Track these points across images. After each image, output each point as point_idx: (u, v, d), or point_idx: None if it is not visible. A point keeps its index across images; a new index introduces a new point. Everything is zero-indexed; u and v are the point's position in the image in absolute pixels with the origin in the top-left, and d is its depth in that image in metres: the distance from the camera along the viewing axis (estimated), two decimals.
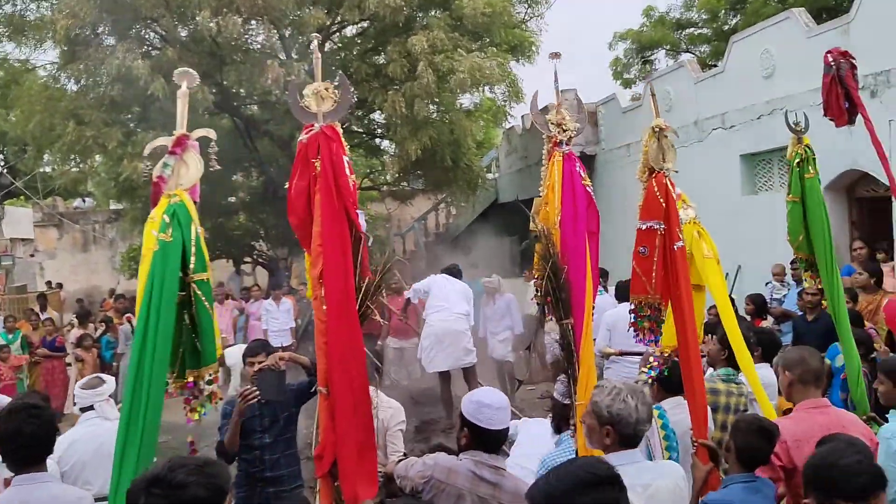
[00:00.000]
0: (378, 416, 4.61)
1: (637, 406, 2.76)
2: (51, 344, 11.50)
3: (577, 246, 3.86)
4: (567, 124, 4.06)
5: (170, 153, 2.99)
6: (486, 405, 3.14)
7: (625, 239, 13.05)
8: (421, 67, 11.87)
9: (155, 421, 2.67)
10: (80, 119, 12.26)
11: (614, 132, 13.97)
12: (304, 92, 3.52)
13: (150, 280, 2.76)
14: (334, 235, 3.36)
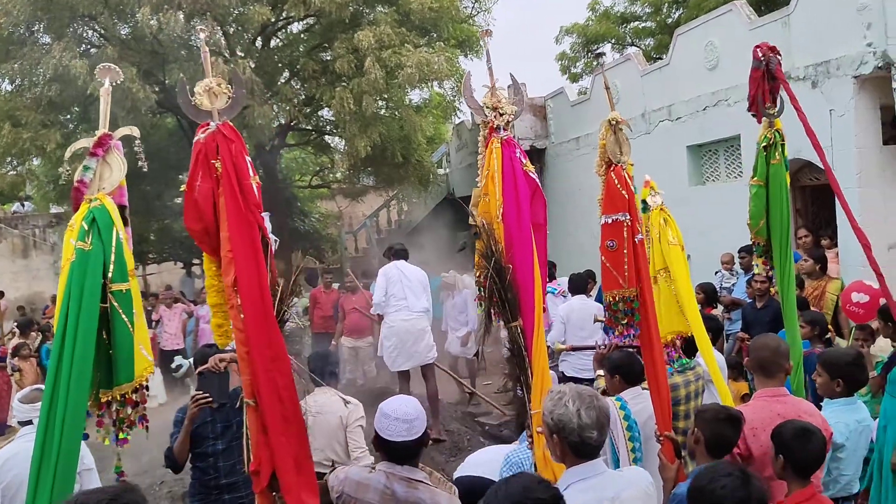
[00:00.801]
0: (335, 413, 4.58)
1: (580, 411, 2.53)
2: None
3: (522, 240, 3.59)
4: (503, 107, 3.75)
5: (91, 155, 2.84)
6: (387, 415, 2.99)
7: (575, 232, 13.27)
8: (368, 63, 11.76)
9: (74, 445, 2.49)
10: (16, 121, 11.86)
11: (563, 126, 14.08)
12: (195, 89, 3.31)
13: (67, 292, 2.59)
14: (245, 240, 3.12)
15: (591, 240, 12.32)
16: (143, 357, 2.80)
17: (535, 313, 3.51)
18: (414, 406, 3.04)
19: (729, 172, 10.01)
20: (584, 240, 12.79)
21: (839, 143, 7.67)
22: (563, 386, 2.68)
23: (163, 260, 19.08)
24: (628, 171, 3.65)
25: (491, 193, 3.66)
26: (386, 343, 7.90)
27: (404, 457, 3.01)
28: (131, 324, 2.72)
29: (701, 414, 3.16)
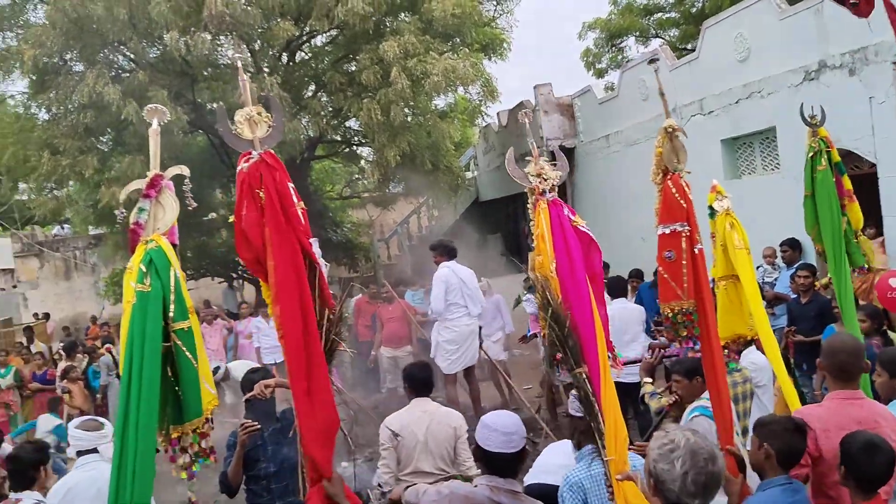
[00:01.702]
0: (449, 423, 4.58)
1: (686, 474, 2.25)
2: (42, 377, 11.36)
3: (577, 290, 3.64)
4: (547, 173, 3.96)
5: (144, 196, 2.84)
6: (489, 427, 3.08)
7: (606, 230, 13.20)
8: (394, 73, 11.81)
9: (146, 485, 2.52)
10: (54, 148, 12.13)
11: (592, 124, 13.98)
12: (235, 118, 3.33)
13: (131, 334, 2.60)
14: (288, 270, 3.12)
15: (624, 239, 12.27)
16: (207, 391, 2.84)
17: (601, 359, 3.48)
18: (514, 420, 3.13)
19: (765, 165, 9.86)
20: (616, 239, 12.68)
21: (880, 130, 7.51)
22: (680, 435, 2.36)
23: (200, 276, 19.33)
24: (685, 178, 3.57)
25: (543, 252, 3.79)
26: (448, 346, 7.88)
27: (506, 469, 3.08)
28: (195, 360, 2.75)
29: (767, 427, 3.06)
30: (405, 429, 4.52)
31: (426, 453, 4.47)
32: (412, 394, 4.75)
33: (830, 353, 3.42)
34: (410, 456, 4.49)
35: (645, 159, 11.74)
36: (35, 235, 25.47)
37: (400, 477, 4.48)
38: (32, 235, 25.33)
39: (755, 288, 4.01)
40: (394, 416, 4.74)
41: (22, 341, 14.37)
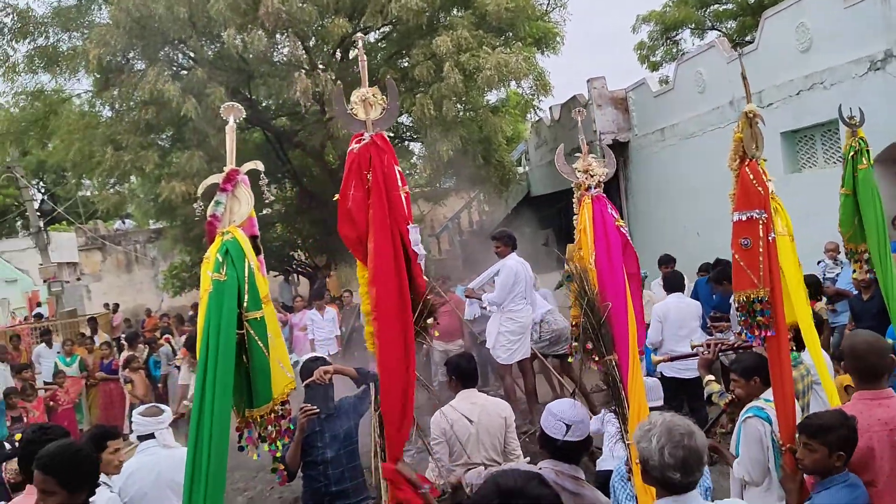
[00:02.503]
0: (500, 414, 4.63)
1: (663, 449, 2.38)
2: (107, 367, 11.74)
3: (614, 283, 3.82)
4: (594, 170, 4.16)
5: (221, 190, 2.92)
6: (554, 415, 3.15)
7: (661, 225, 13.05)
8: (447, 68, 11.84)
9: (221, 464, 2.59)
10: (117, 144, 12.49)
11: (646, 117, 13.79)
12: (351, 98, 3.43)
13: (207, 321, 2.69)
14: (387, 253, 3.26)
15: (679, 232, 12.09)
16: (283, 374, 2.92)
17: (631, 349, 3.65)
18: (580, 408, 3.19)
19: (827, 158, 9.60)
20: (670, 232, 12.51)
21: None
22: (659, 417, 2.52)
23: None
24: (762, 165, 3.52)
25: (584, 245, 3.98)
26: (510, 336, 7.88)
27: (570, 456, 3.16)
28: (266, 349, 2.83)
29: (829, 429, 3.00)
30: (456, 422, 4.55)
31: (477, 444, 4.50)
32: (459, 385, 4.77)
33: (856, 355, 3.35)
34: (462, 448, 4.52)
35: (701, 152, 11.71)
36: (98, 230, 26.35)
37: (451, 469, 4.51)
38: (95, 230, 26.21)
39: (799, 277, 3.95)
40: (444, 409, 4.75)
41: (85, 332, 14.87)
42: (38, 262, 25.84)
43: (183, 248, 17.26)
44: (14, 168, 21.05)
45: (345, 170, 3.37)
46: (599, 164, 4.14)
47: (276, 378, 2.90)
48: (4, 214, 36.58)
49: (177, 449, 4.48)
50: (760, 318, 3.37)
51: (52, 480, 3.03)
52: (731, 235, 3.48)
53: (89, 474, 3.14)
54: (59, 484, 3.03)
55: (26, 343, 14.45)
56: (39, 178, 35.74)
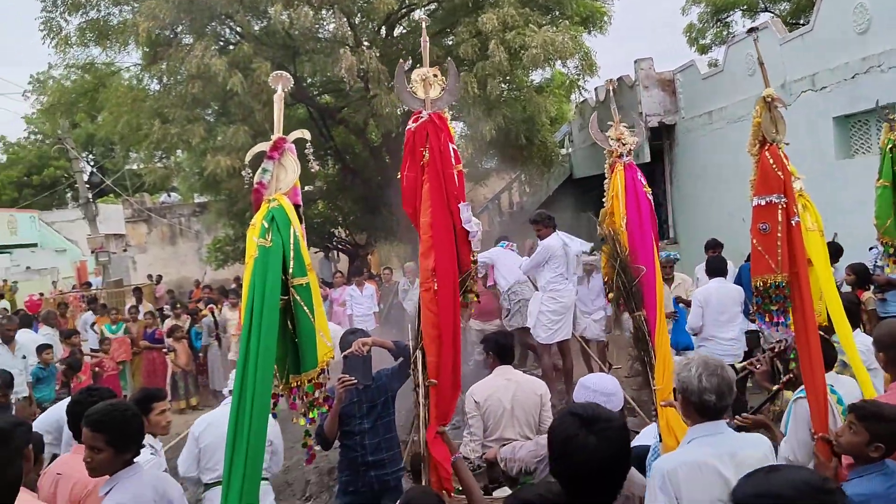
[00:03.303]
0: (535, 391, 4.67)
1: (701, 376, 2.76)
2: (151, 336, 12.01)
3: (644, 245, 4.15)
4: (626, 139, 4.42)
5: (268, 158, 2.95)
6: (587, 388, 3.17)
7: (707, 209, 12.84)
8: (492, 46, 11.74)
9: (262, 425, 2.63)
10: (164, 117, 12.66)
11: (694, 100, 13.52)
12: (412, 77, 3.49)
13: (252, 286, 2.72)
14: (445, 227, 3.39)
15: (725, 217, 11.87)
16: (324, 343, 2.95)
17: (658, 304, 4.07)
18: (612, 381, 3.21)
19: None
20: (715, 217, 12.30)
21: None
22: (695, 354, 3.03)
23: None
24: (783, 150, 3.49)
25: (615, 210, 4.31)
26: (551, 316, 7.85)
27: None
28: (312, 315, 2.86)
29: (880, 415, 2.95)
30: (491, 397, 4.57)
31: (511, 420, 4.52)
32: (495, 362, 4.78)
33: (879, 342, 3.30)
34: (497, 423, 4.54)
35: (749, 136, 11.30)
36: (144, 202, 26.88)
37: (485, 444, 4.53)
38: (142, 202, 26.74)
39: (829, 272, 3.96)
40: (478, 385, 4.80)
41: (132, 302, 15.22)
42: (87, 232, 26.51)
43: (227, 222, 17.49)
44: (65, 140, 21.57)
45: (404, 148, 3.47)
46: (631, 133, 4.44)
47: (319, 346, 2.94)
48: (54, 186, 37.57)
49: None
50: (773, 304, 3.40)
51: (101, 437, 3.13)
52: (752, 221, 3.50)
53: (136, 434, 3.23)
54: (107, 441, 3.14)
55: (74, 310, 14.86)
56: (88, 151, 36.59)
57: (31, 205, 33.47)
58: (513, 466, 3.30)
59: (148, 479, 3.27)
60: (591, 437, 2.11)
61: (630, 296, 4.15)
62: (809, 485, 1.85)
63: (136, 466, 3.26)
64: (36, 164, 38.57)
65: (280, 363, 2.86)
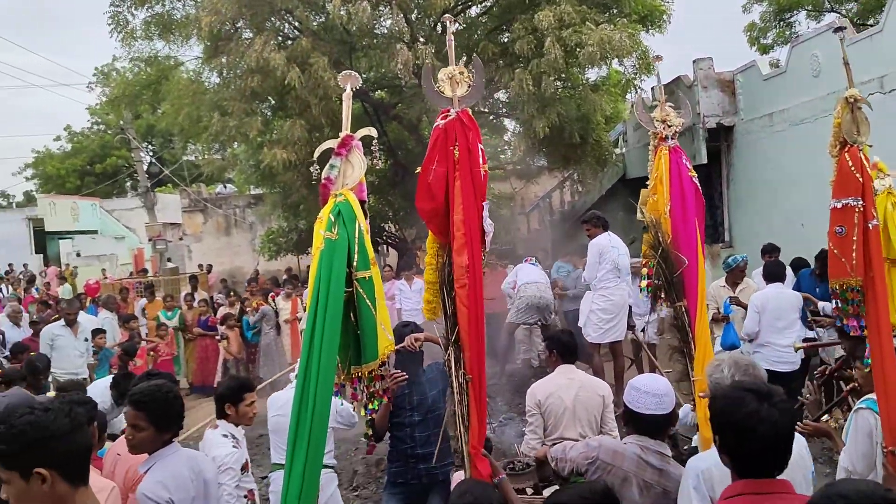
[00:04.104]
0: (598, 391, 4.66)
1: (734, 376, 2.77)
2: (204, 323, 12.29)
3: (687, 232, 4.08)
4: (672, 120, 4.31)
5: (336, 154, 3.04)
6: (638, 389, 3.14)
7: (766, 213, 12.60)
8: (548, 43, 11.64)
9: (324, 414, 2.70)
10: (223, 110, 12.91)
11: (754, 101, 13.21)
12: (438, 76, 3.51)
13: (318, 278, 2.79)
14: (476, 225, 3.40)
15: (782, 222, 11.59)
16: (385, 336, 3.00)
17: (699, 295, 4.02)
18: (664, 383, 3.18)
19: None
20: (774, 222, 12.02)
21: None
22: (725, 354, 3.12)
23: None
24: (865, 152, 3.41)
25: (659, 193, 4.22)
26: (603, 315, 7.80)
27: (654, 430, 3.15)
28: (374, 307, 2.92)
29: None
30: (552, 395, 4.56)
31: (573, 420, 4.49)
32: (558, 360, 4.75)
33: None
34: (557, 422, 4.53)
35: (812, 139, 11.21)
36: (201, 192, 27.49)
37: (545, 443, 4.52)
38: (198, 192, 27.34)
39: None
40: (539, 383, 4.79)
41: (188, 289, 15.60)
42: (145, 220, 27.26)
43: (280, 214, 17.76)
44: (127, 130, 22.19)
45: (429, 144, 3.48)
46: (677, 114, 4.30)
47: (379, 338, 3.00)
48: (115, 175, 38.68)
49: None
50: (849, 307, 3.35)
51: (143, 416, 3.27)
52: (829, 223, 3.46)
53: (176, 415, 3.35)
54: (149, 420, 3.27)
55: (132, 296, 15.29)
56: (148, 142, 37.56)
57: (92, 193, 34.56)
58: (564, 466, 3.29)
59: (184, 458, 3.38)
60: (773, 411, 2.18)
61: (671, 286, 4.09)
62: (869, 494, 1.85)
63: (174, 446, 3.38)
64: (98, 154, 39.82)
65: (342, 354, 2.92)
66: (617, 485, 3.02)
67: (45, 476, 2.13)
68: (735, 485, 2.27)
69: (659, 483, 3.05)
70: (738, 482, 2.27)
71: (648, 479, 3.06)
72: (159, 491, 3.19)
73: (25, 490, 2.12)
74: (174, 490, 3.21)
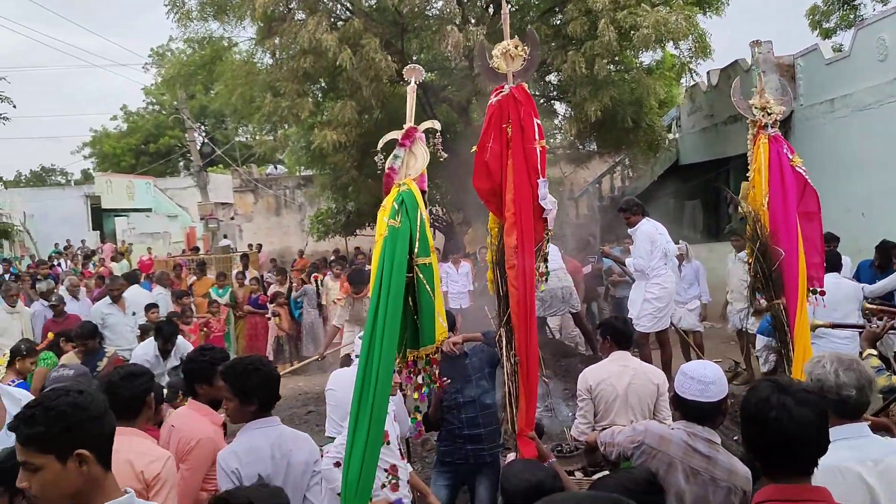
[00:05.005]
0: (652, 380, 4.60)
1: (837, 371, 2.64)
2: (254, 301, 12.50)
3: (788, 226, 3.92)
4: (772, 107, 4.15)
5: (400, 145, 3.16)
6: (687, 375, 3.09)
7: (824, 202, 12.12)
8: (602, 25, 11.44)
9: (385, 393, 2.79)
10: (275, 91, 13.01)
11: (815, 87, 12.81)
12: (492, 52, 3.51)
13: (381, 263, 2.90)
14: (527, 203, 3.41)
15: (841, 211, 11.25)
16: (440, 324, 3.12)
17: (800, 292, 3.85)
18: (714, 370, 3.12)
19: None
20: (833, 210, 11.65)
21: None
22: (824, 352, 2.81)
23: None
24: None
25: (757, 185, 4.10)
26: (656, 304, 7.65)
27: (703, 417, 3.09)
28: (433, 293, 3.04)
29: None
30: (604, 382, 4.51)
31: (625, 407, 4.44)
32: (612, 347, 4.70)
33: None
34: (608, 409, 4.48)
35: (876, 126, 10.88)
36: (252, 173, 27.88)
37: (595, 428, 4.49)
38: (250, 173, 27.74)
39: None
40: (591, 368, 4.75)
41: (239, 268, 15.88)
42: (197, 200, 27.81)
43: (329, 196, 17.90)
44: (182, 110, 22.59)
45: (484, 122, 3.49)
46: (778, 102, 4.14)
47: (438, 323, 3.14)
48: (169, 154, 39.51)
49: None
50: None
51: (227, 388, 3.38)
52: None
53: (255, 387, 3.36)
54: (231, 391, 3.36)
55: (185, 273, 15.62)
56: (201, 122, 38.23)
57: (146, 172, 35.38)
58: (612, 451, 3.26)
59: (272, 436, 3.40)
60: (788, 399, 2.13)
61: (768, 282, 3.94)
62: None
63: (265, 420, 3.41)
64: (153, 133, 40.71)
65: (399, 337, 3.00)
66: (662, 470, 2.99)
67: (85, 457, 2.13)
68: (766, 489, 2.18)
69: (706, 470, 3.00)
70: (768, 487, 2.18)
71: (695, 466, 3.01)
72: (230, 460, 3.28)
73: (60, 474, 2.10)
74: (245, 463, 3.27)
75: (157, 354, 7.45)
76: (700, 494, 2.98)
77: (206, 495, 3.56)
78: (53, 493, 2.11)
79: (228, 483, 3.22)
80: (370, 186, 15.83)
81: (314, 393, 9.56)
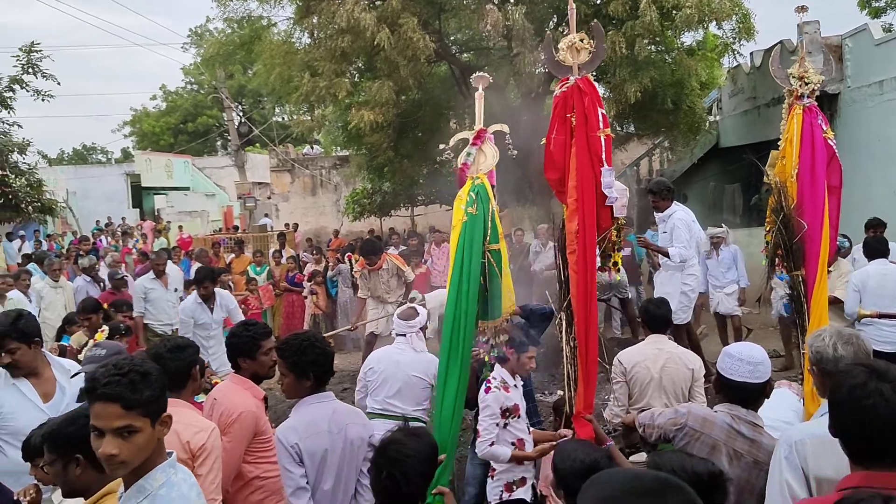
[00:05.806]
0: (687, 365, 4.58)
1: (836, 344, 2.70)
2: (291, 279, 12.64)
3: (814, 199, 3.92)
4: (810, 77, 4.12)
5: (472, 144, 3.64)
6: (732, 356, 3.07)
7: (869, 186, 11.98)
8: (644, 4, 11.25)
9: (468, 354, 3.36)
10: (313, 70, 13.04)
11: (864, 68, 12.46)
12: (559, 45, 3.63)
13: (461, 245, 3.40)
14: (589, 191, 3.54)
15: (889, 195, 10.98)
16: (509, 298, 3.61)
17: (820, 265, 3.90)
18: (759, 351, 3.10)
19: None
20: (879, 195, 11.40)
21: None
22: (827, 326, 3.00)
23: (430, 202, 20.19)
24: None
25: (788, 155, 4.07)
26: (691, 296, 7.54)
27: (747, 399, 3.07)
28: (500, 274, 3.53)
29: None
30: (638, 364, 4.50)
31: (659, 390, 4.43)
32: (648, 330, 4.67)
33: None
34: (642, 392, 4.48)
35: None
36: (288, 153, 28.09)
37: (629, 411, 4.48)
38: (286, 153, 27.95)
39: None
40: (626, 351, 4.73)
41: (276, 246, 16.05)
42: (235, 179, 28.10)
43: (365, 176, 17.94)
44: (220, 90, 22.78)
45: (551, 114, 3.62)
46: (818, 72, 4.13)
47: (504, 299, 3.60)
48: (207, 134, 39.96)
49: (422, 353, 4.91)
50: None
51: (283, 364, 3.47)
52: None
53: (310, 363, 3.41)
54: (286, 366, 3.44)
55: (223, 251, 15.85)
56: (238, 102, 38.57)
57: (185, 151, 35.84)
58: (651, 433, 3.24)
59: (328, 410, 3.45)
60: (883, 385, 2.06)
61: (790, 253, 3.96)
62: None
63: (322, 395, 3.46)
64: (191, 112, 41.20)
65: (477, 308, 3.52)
66: (705, 453, 2.97)
67: (168, 421, 2.28)
68: (854, 475, 2.10)
69: (750, 453, 2.98)
70: (856, 473, 2.10)
71: (739, 449, 2.99)
72: (289, 435, 3.33)
73: (150, 437, 2.21)
74: (304, 437, 3.32)
75: (200, 301, 7.78)
76: (743, 477, 2.96)
77: (249, 468, 3.63)
78: (140, 457, 2.20)
79: (288, 458, 3.27)
80: (406, 167, 15.84)
81: (350, 371, 9.66)
